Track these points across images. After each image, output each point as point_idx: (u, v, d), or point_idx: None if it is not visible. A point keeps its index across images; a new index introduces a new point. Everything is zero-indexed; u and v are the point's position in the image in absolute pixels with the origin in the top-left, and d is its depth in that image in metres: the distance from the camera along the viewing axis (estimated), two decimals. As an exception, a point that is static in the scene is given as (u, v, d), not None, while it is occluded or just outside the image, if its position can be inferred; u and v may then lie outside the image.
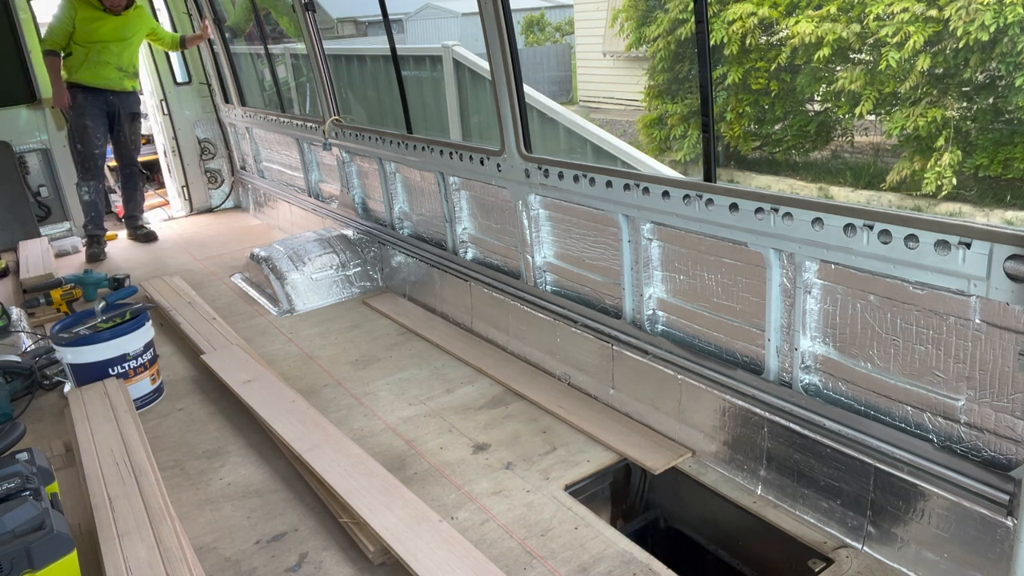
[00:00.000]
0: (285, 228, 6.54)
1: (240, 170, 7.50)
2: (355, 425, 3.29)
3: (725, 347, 2.78)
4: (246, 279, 5.32)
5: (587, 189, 3.11)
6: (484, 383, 3.59)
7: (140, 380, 3.57)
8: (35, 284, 5.09)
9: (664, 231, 2.90)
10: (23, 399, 3.60)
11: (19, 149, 6.44)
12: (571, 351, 3.43)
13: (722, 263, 2.70)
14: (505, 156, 3.52)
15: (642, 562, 2.32)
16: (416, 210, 4.69)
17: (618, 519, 2.96)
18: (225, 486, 2.91)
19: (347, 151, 5.19)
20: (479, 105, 6.61)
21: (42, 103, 6.44)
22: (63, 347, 3.49)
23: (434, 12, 19.35)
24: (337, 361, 3.97)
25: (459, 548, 2.32)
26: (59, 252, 6.27)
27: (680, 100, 11.75)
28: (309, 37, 5.05)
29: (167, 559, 2.27)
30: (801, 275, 2.38)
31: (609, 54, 14.30)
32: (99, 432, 3.04)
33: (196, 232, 6.97)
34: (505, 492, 2.74)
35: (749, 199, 2.44)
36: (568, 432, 3.09)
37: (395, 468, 2.88)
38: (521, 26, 19.10)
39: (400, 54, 4.68)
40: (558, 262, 3.57)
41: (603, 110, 14.46)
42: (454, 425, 3.22)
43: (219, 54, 6.77)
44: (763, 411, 2.57)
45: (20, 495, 2.22)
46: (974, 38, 8.24)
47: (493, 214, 3.94)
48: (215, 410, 3.52)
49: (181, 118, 7.30)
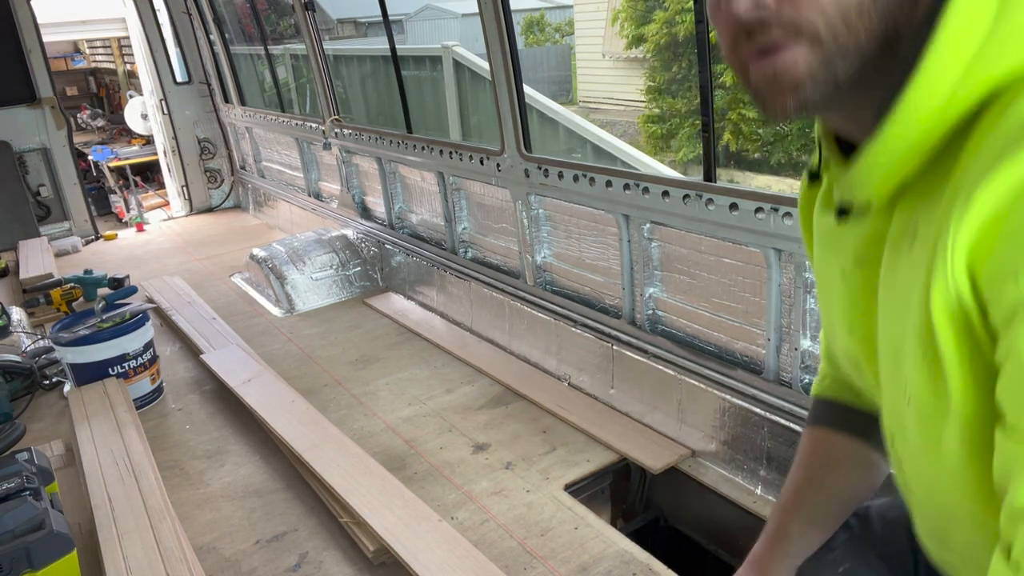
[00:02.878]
0: (285, 228, 6.54)
1: (240, 170, 7.50)
2: (355, 425, 3.29)
3: (725, 347, 2.78)
4: (246, 279, 5.32)
5: (587, 189, 3.11)
6: (484, 383, 3.59)
7: (140, 380, 3.57)
8: (35, 284, 5.09)
9: (664, 231, 2.90)
10: (23, 399, 3.60)
11: (19, 149, 6.43)
12: (571, 351, 3.43)
13: (722, 263, 2.70)
14: (505, 156, 3.52)
15: (642, 562, 2.32)
16: (416, 210, 4.69)
17: (618, 519, 2.96)
18: (225, 486, 2.91)
19: (347, 151, 5.19)
20: (479, 105, 6.61)
21: (42, 103, 6.44)
22: (63, 347, 3.48)
23: (434, 13, 19.34)
24: (337, 361, 3.97)
25: (459, 548, 2.32)
26: (59, 252, 6.26)
27: (680, 98, 11.74)
28: (309, 37, 5.05)
29: (167, 559, 2.27)
30: (801, 275, 2.38)
31: (609, 55, 14.30)
32: (99, 432, 3.04)
33: (196, 232, 6.97)
34: (505, 492, 2.74)
35: (749, 199, 2.44)
36: (568, 432, 3.09)
37: (395, 468, 2.88)
38: (521, 27, 19.09)
39: (400, 54, 4.68)
40: (558, 262, 3.57)
41: (603, 110, 14.46)
42: (454, 425, 3.22)
43: (219, 54, 6.77)
44: (763, 411, 2.57)
45: (20, 495, 2.23)
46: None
47: (493, 214, 3.94)
48: (215, 410, 3.52)
49: (181, 118, 7.29)
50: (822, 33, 0.66)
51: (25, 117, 6.44)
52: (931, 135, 0.67)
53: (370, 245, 5.07)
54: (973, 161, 0.63)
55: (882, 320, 0.78)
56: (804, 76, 0.68)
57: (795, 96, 0.69)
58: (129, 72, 10.56)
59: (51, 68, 6.55)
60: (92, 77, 12.12)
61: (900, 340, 0.73)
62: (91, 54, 11.88)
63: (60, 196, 6.70)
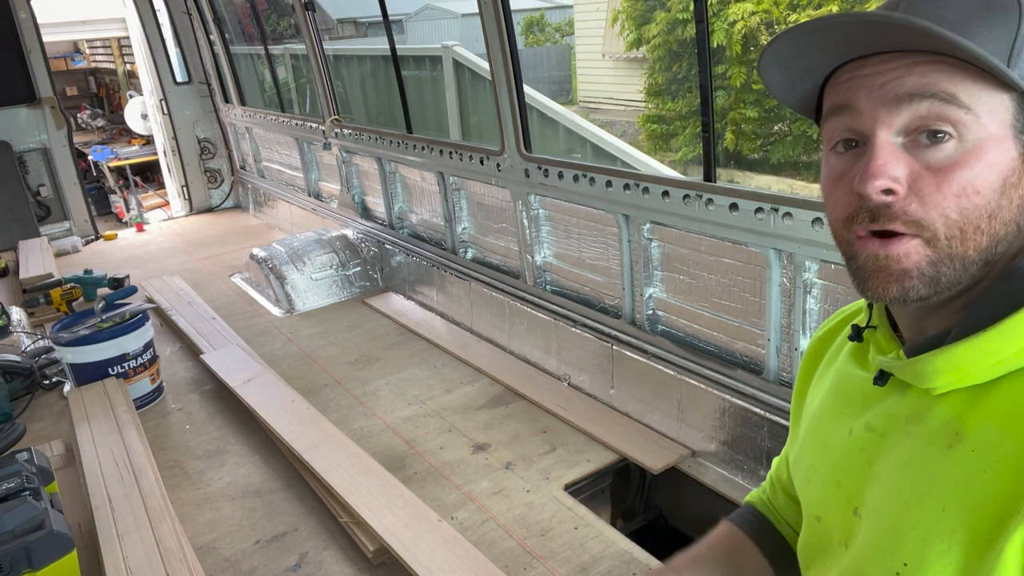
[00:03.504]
0: (285, 228, 6.54)
1: (240, 170, 7.50)
2: (355, 425, 3.29)
3: (725, 347, 2.78)
4: (246, 279, 5.32)
5: (587, 189, 3.11)
6: (484, 383, 3.59)
7: (140, 380, 3.57)
8: (35, 284, 5.09)
9: (664, 231, 2.90)
10: (23, 399, 3.60)
11: (19, 149, 6.43)
12: (571, 351, 3.43)
13: (722, 263, 2.70)
14: (505, 156, 3.52)
15: (642, 562, 2.32)
16: (416, 210, 4.69)
17: (618, 519, 2.96)
18: (225, 486, 2.91)
19: (347, 151, 5.19)
20: (479, 105, 6.61)
21: (42, 103, 6.44)
22: (63, 347, 3.49)
23: (434, 13, 19.33)
24: (337, 361, 3.97)
25: (459, 548, 2.32)
26: (59, 252, 6.26)
27: (680, 99, 11.73)
28: (309, 37, 5.05)
29: (167, 559, 2.27)
30: (801, 275, 2.38)
31: (609, 55, 14.30)
32: (99, 432, 3.04)
33: (196, 232, 6.97)
34: (505, 492, 2.74)
35: (749, 199, 2.44)
36: (568, 432, 3.09)
37: (395, 468, 2.88)
38: (521, 27, 19.08)
39: (400, 54, 4.68)
40: (558, 262, 3.57)
41: (603, 110, 14.46)
42: (454, 425, 3.22)
43: (219, 54, 6.78)
44: (763, 411, 2.57)
45: (20, 495, 2.23)
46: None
47: (493, 214, 3.94)
48: (215, 410, 3.52)
49: (181, 118, 7.29)
50: (940, 236, 0.70)
51: (25, 117, 6.45)
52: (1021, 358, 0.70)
53: (370, 245, 5.07)
54: None
55: (886, 495, 0.79)
56: (912, 268, 0.71)
57: (899, 284, 0.72)
58: (129, 72, 10.56)
59: (51, 68, 6.56)
60: (92, 77, 12.12)
61: (908, 522, 0.74)
62: (91, 54, 11.88)
63: (60, 196, 6.70)
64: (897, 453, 0.78)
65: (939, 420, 0.74)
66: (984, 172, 0.69)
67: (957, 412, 0.73)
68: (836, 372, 0.93)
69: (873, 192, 0.70)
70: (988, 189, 0.69)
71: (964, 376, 0.72)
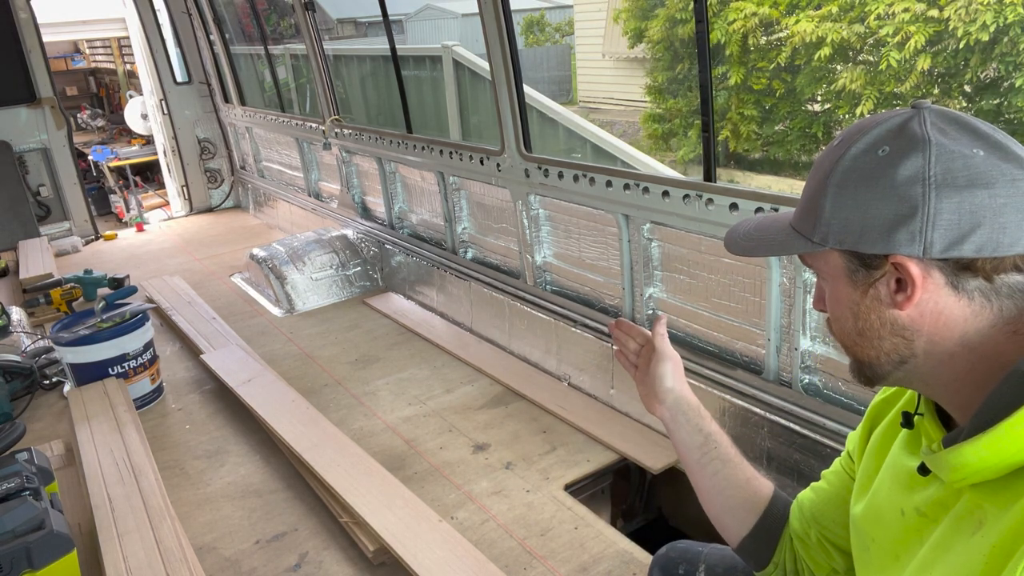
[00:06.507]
0: (285, 228, 6.54)
1: (240, 170, 7.50)
2: (355, 425, 3.29)
3: (725, 347, 2.78)
4: (246, 279, 5.32)
5: (587, 189, 3.11)
6: (484, 383, 3.59)
7: (140, 380, 3.57)
8: (35, 284, 5.09)
9: (664, 231, 2.90)
10: (23, 399, 3.60)
11: (19, 149, 6.43)
12: (571, 351, 3.43)
13: (722, 263, 2.70)
14: (505, 156, 3.52)
15: (642, 562, 2.32)
16: (416, 210, 4.69)
17: (618, 519, 2.96)
18: (225, 486, 2.91)
19: (347, 150, 5.19)
20: (479, 105, 6.60)
21: (42, 103, 6.44)
22: (63, 347, 3.48)
23: (434, 13, 19.34)
24: (337, 361, 3.97)
25: (459, 548, 2.32)
26: (59, 252, 6.27)
27: (681, 98, 11.73)
28: (309, 37, 5.05)
29: (167, 559, 2.27)
30: (801, 275, 2.38)
31: (609, 55, 14.30)
32: (99, 432, 3.04)
33: (196, 232, 6.97)
34: (505, 492, 2.74)
35: (749, 199, 2.44)
36: (568, 432, 3.09)
37: (395, 468, 2.88)
38: (521, 27, 19.08)
39: (400, 54, 4.68)
40: (558, 262, 3.57)
41: (603, 110, 14.46)
42: (454, 425, 3.22)
43: (219, 54, 6.78)
44: (763, 411, 2.57)
45: (20, 495, 2.22)
46: (974, 38, 8.24)
47: (493, 214, 3.94)
48: (215, 410, 3.52)
49: (181, 118, 7.29)
50: (842, 345, 0.95)
51: (25, 117, 6.45)
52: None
53: (370, 245, 5.07)
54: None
55: (920, 570, 0.87)
56: (850, 362, 0.95)
57: (855, 372, 0.95)
58: (129, 72, 10.56)
59: (51, 68, 6.55)
60: (92, 77, 12.13)
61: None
62: (91, 54, 11.89)
63: (60, 196, 6.70)
64: (932, 539, 0.87)
65: (966, 508, 0.83)
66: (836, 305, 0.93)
67: (980, 501, 0.81)
68: (892, 457, 1.03)
69: (813, 305, 1.04)
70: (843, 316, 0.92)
71: (976, 472, 0.79)
